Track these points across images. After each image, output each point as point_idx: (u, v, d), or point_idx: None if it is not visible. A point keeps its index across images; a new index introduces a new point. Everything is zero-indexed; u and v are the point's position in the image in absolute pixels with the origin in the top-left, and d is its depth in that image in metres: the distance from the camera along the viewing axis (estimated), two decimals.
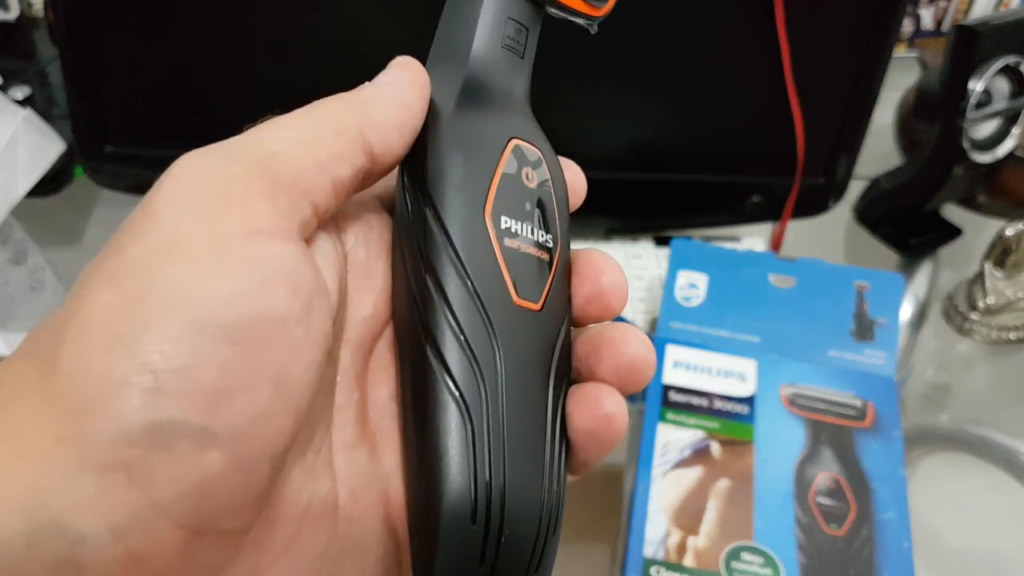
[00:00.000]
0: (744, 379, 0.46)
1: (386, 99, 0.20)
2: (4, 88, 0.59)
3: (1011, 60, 0.54)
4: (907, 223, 0.63)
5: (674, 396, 0.45)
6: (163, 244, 0.16)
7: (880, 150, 0.64)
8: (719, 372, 0.46)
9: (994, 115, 0.57)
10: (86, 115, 0.51)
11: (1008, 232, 0.55)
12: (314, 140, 0.19)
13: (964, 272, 0.59)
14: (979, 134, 0.58)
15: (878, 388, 0.46)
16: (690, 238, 0.54)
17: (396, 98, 0.21)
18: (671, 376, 0.46)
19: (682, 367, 0.46)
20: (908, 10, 0.78)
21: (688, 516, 0.41)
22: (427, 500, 0.19)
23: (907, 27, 0.79)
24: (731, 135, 0.55)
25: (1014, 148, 0.59)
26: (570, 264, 0.23)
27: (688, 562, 0.39)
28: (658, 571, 0.39)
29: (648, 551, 0.39)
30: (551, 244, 0.22)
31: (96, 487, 0.15)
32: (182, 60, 0.50)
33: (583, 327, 0.23)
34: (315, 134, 0.19)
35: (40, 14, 0.67)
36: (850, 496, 0.41)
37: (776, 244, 0.58)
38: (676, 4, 0.49)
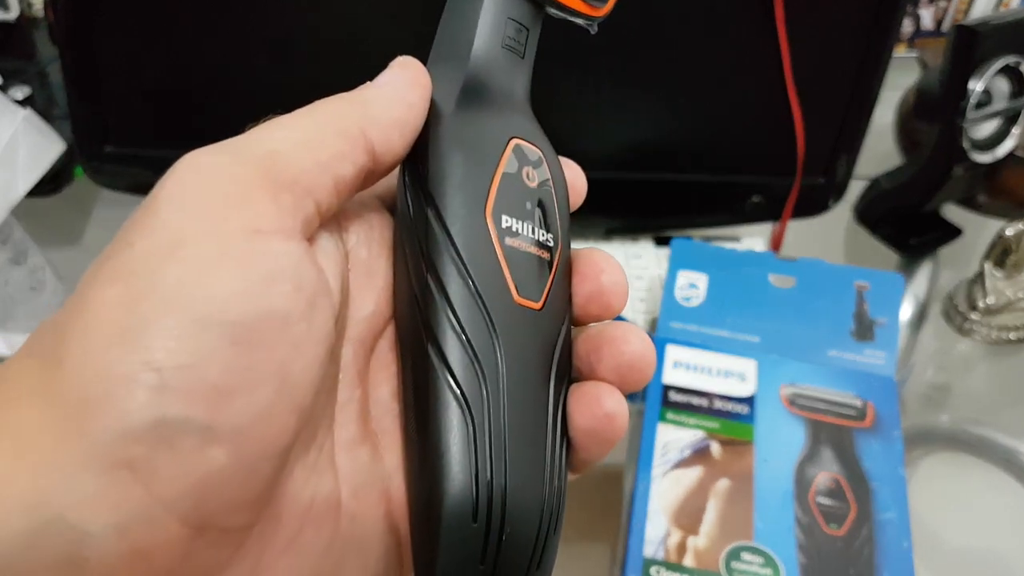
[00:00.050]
0: (744, 379, 0.46)
1: (387, 99, 0.20)
2: (4, 88, 0.59)
3: (1011, 60, 0.54)
4: (907, 223, 0.63)
5: (674, 396, 0.45)
6: (167, 242, 0.16)
7: (880, 150, 0.64)
8: (719, 372, 0.46)
9: (994, 115, 0.57)
10: (86, 115, 0.51)
11: (1008, 232, 0.55)
12: (316, 140, 0.19)
13: (964, 272, 0.59)
14: (979, 134, 0.58)
15: (878, 388, 0.46)
16: (690, 238, 0.54)
17: (397, 98, 0.21)
18: (671, 376, 0.46)
19: (682, 367, 0.47)
20: (908, 10, 0.78)
21: (688, 516, 0.41)
22: (428, 498, 0.19)
23: (907, 27, 0.79)
24: (731, 135, 0.55)
25: (1014, 148, 0.59)
26: (571, 263, 0.23)
27: (688, 562, 0.39)
28: (658, 571, 0.39)
29: (648, 551, 0.39)
30: (552, 243, 0.22)
31: (100, 484, 0.15)
32: (182, 60, 0.50)
33: (584, 326, 0.23)
34: (317, 134, 0.19)
35: (40, 14, 0.66)
36: (850, 496, 0.41)
37: (776, 244, 0.58)
38: (676, 4, 0.49)
